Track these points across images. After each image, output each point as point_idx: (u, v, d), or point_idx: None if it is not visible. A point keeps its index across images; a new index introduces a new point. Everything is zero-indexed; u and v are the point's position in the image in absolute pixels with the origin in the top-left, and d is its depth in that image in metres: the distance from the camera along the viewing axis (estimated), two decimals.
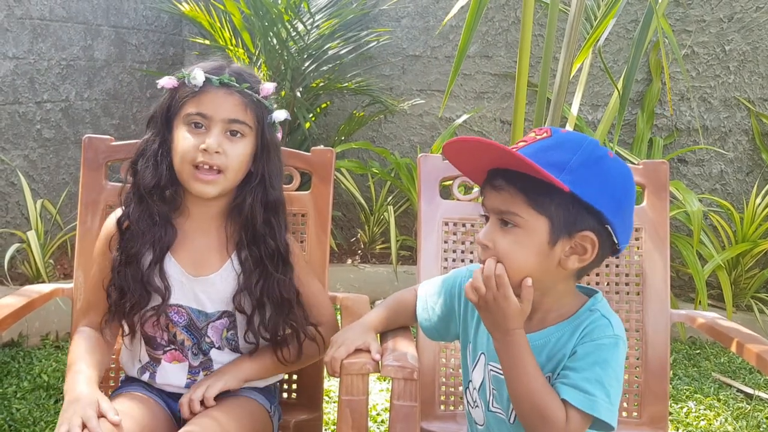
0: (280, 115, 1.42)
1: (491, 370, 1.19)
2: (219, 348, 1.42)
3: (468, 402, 1.27)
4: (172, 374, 1.42)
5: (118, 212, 1.41)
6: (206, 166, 1.33)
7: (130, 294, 1.35)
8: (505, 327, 1.07)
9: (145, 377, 1.43)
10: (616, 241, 1.10)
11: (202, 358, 1.42)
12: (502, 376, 1.12)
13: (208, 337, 1.41)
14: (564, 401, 1.05)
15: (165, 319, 1.40)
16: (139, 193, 1.37)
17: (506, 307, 1.05)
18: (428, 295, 1.35)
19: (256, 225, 1.39)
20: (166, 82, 1.38)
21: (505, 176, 1.08)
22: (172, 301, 1.39)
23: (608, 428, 1.07)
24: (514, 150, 1.06)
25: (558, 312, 1.15)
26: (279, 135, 1.44)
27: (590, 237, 1.07)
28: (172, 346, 1.42)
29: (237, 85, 1.36)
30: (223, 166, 1.33)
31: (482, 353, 1.21)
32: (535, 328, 1.15)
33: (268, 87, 1.40)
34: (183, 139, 1.34)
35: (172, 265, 1.39)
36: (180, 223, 1.41)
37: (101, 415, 1.20)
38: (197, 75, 1.34)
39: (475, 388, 1.23)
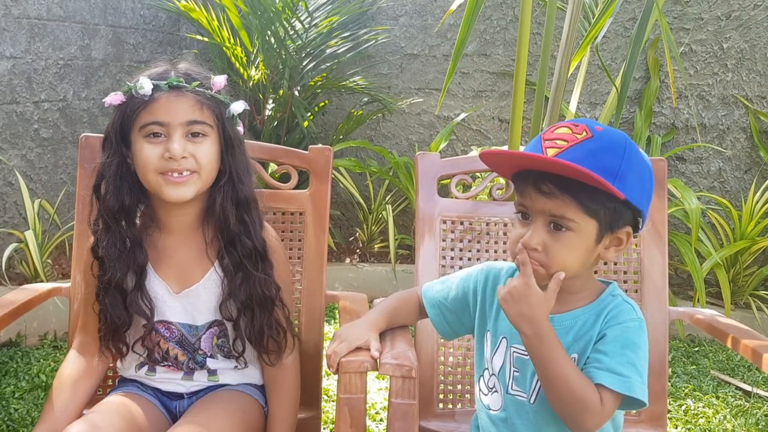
0: (238, 107, 1.36)
1: (514, 351, 1.21)
2: (212, 357, 1.41)
3: (481, 391, 1.28)
4: (169, 372, 1.42)
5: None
6: (175, 174, 1.28)
7: (112, 320, 1.34)
8: (531, 316, 1.09)
9: (142, 372, 1.42)
10: (641, 227, 1.17)
11: (198, 369, 1.41)
12: (526, 357, 1.15)
13: (201, 349, 1.40)
14: (599, 385, 1.10)
15: (156, 336, 1.38)
16: (105, 219, 1.33)
17: (529, 294, 1.09)
18: (436, 292, 1.36)
19: (230, 225, 1.34)
20: (113, 98, 1.31)
21: (555, 181, 1.09)
22: (160, 317, 1.38)
23: (642, 405, 1.13)
24: (567, 161, 1.06)
25: (581, 294, 1.20)
26: (241, 128, 1.39)
27: (627, 230, 1.15)
28: (166, 363, 1.41)
29: (187, 85, 1.31)
30: (195, 167, 1.29)
31: (503, 337, 1.24)
32: (561, 309, 1.18)
33: (219, 81, 1.36)
34: (144, 151, 1.28)
35: (157, 282, 1.37)
36: (157, 238, 1.38)
37: None
38: (144, 84, 1.28)
39: (493, 374, 1.25)
